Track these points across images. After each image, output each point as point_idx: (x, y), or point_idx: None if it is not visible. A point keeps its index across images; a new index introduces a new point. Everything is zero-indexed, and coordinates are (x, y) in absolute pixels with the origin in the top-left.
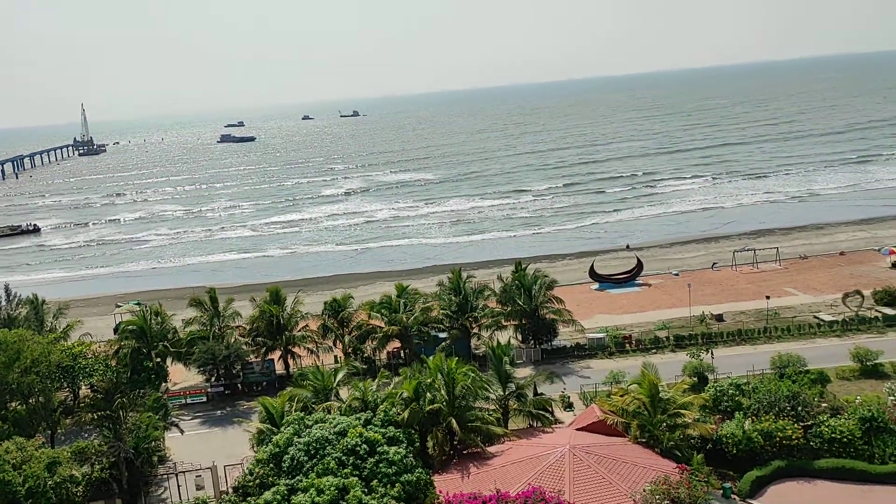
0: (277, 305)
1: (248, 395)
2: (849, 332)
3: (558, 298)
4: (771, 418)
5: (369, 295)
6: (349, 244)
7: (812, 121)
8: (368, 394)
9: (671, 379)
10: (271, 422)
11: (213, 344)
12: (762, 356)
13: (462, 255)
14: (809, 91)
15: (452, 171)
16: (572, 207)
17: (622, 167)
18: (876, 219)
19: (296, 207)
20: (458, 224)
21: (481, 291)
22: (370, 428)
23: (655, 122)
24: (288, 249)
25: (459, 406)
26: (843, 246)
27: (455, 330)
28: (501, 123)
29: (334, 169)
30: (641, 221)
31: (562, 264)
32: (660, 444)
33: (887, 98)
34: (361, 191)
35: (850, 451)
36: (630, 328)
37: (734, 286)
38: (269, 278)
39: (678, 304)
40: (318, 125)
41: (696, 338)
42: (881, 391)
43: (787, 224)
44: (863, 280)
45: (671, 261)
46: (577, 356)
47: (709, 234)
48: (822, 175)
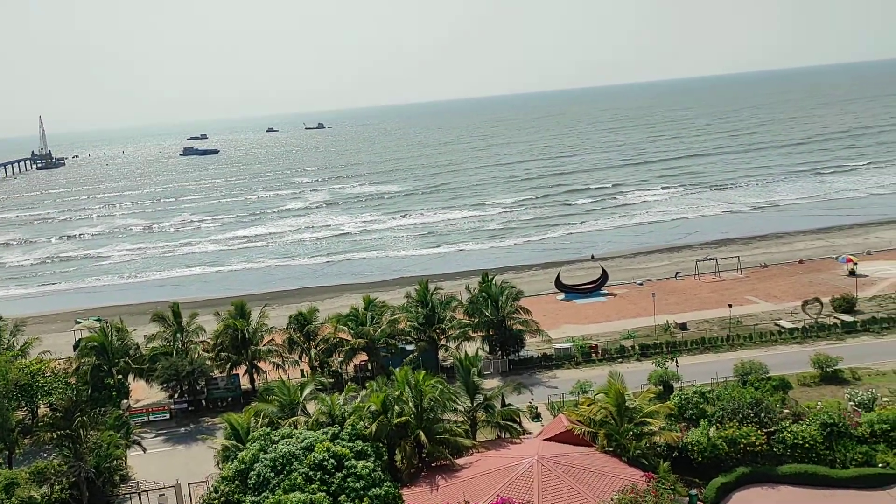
0: (242, 319)
1: (212, 411)
2: (809, 339)
3: (525, 309)
4: (735, 425)
5: (336, 308)
6: (315, 257)
7: (772, 132)
8: (335, 408)
9: (637, 388)
10: (236, 438)
11: (176, 360)
12: (725, 364)
13: (429, 267)
14: (770, 103)
15: (419, 184)
16: (538, 219)
17: (588, 179)
18: (833, 228)
19: (261, 221)
20: (425, 236)
21: (448, 303)
22: (337, 442)
23: (621, 133)
24: (253, 263)
25: (427, 418)
26: (802, 255)
27: (422, 342)
28: (468, 136)
29: (300, 182)
30: (606, 232)
31: (528, 275)
32: (627, 452)
33: (845, 110)
34: (327, 203)
35: (812, 457)
36: (596, 338)
37: (697, 295)
38: (234, 292)
39: (643, 313)
40: (282, 137)
41: (661, 346)
42: (841, 397)
43: (747, 233)
44: (821, 288)
45: (635, 271)
46: (544, 366)
47: (672, 244)
48: (781, 185)
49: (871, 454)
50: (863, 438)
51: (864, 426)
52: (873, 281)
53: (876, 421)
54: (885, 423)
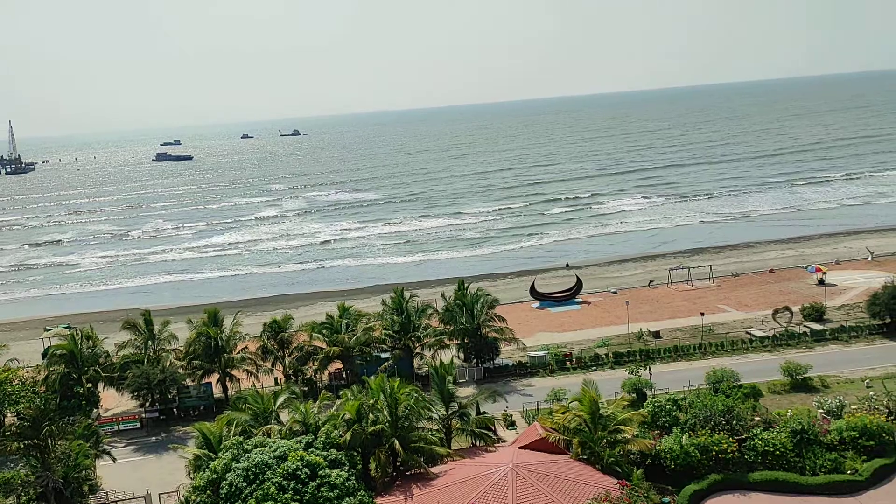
0: (215, 327)
1: (184, 420)
2: (779, 347)
3: (500, 317)
4: (707, 432)
5: (311, 315)
6: (290, 264)
7: (745, 143)
8: (310, 416)
9: (611, 395)
10: (208, 447)
11: (147, 368)
12: (698, 371)
13: (405, 275)
14: (744, 115)
15: (396, 192)
16: (514, 228)
17: (563, 188)
18: (803, 238)
19: (235, 228)
20: (400, 244)
21: (424, 311)
22: (311, 451)
23: (596, 143)
24: (227, 270)
25: (402, 427)
26: (773, 264)
27: (397, 350)
28: (445, 144)
29: (275, 189)
30: (581, 241)
31: (503, 283)
32: (601, 460)
33: (815, 122)
34: (303, 211)
35: (782, 464)
36: (570, 346)
37: (670, 303)
38: (207, 300)
39: (617, 321)
40: (257, 144)
41: (635, 354)
42: (810, 404)
43: (719, 243)
44: (791, 296)
45: (610, 279)
46: (519, 374)
47: (646, 252)
48: (753, 196)
49: (840, 461)
50: (832, 446)
51: (833, 433)
52: (842, 290)
53: (844, 428)
54: (853, 431)
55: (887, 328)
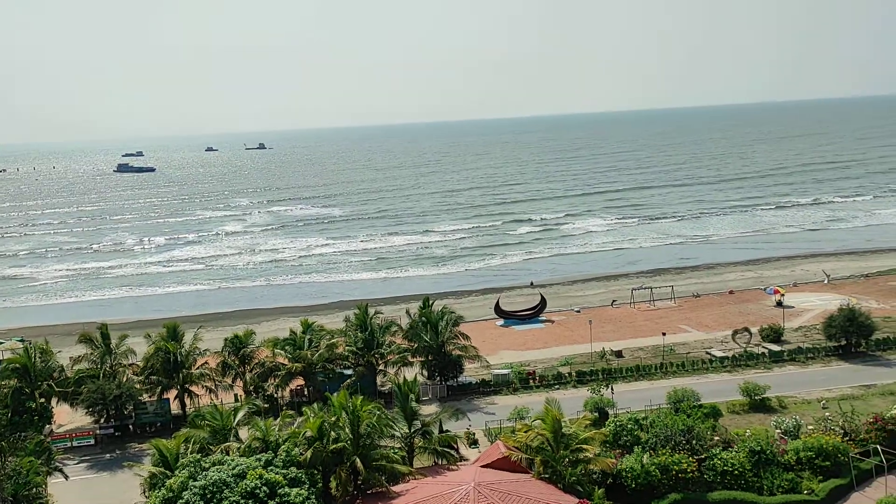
0: (175, 342)
1: (140, 436)
2: (738, 368)
3: (464, 335)
4: (667, 452)
5: (273, 331)
6: (253, 279)
7: (708, 167)
8: (270, 433)
9: (573, 414)
10: (165, 465)
11: (103, 383)
12: (659, 391)
13: (370, 291)
14: (707, 139)
15: (362, 208)
16: (481, 246)
17: (530, 207)
18: (762, 260)
19: (198, 242)
20: (366, 260)
21: (388, 327)
22: (271, 469)
23: (562, 164)
24: (189, 285)
25: (364, 445)
26: (733, 285)
27: (361, 367)
28: (413, 161)
29: (239, 203)
30: (546, 260)
31: (468, 301)
32: (563, 479)
33: (777, 147)
34: (268, 225)
35: (740, 483)
36: (534, 364)
37: (632, 323)
38: (167, 314)
39: (580, 340)
40: (222, 157)
41: (597, 373)
42: (768, 425)
43: (681, 264)
44: (750, 318)
45: (573, 298)
46: (482, 392)
47: (609, 272)
48: (715, 219)
49: (797, 481)
50: (789, 465)
51: (790, 454)
52: (799, 312)
53: (801, 448)
54: (809, 451)
55: (843, 350)
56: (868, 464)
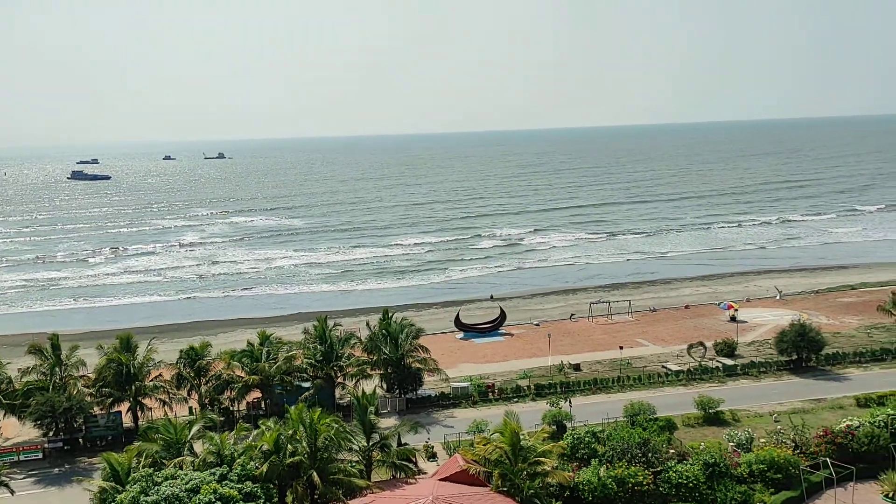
0: (128, 353)
1: (90, 450)
2: (693, 382)
3: (424, 347)
4: (624, 465)
5: (230, 343)
6: (210, 290)
7: (666, 185)
8: (225, 447)
9: (532, 427)
10: (116, 479)
11: (52, 395)
12: (616, 404)
13: (329, 303)
14: (668, 157)
15: (323, 220)
16: (441, 260)
17: (493, 221)
18: (717, 276)
19: (154, 252)
20: (326, 272)
21: (347, 340)
22: (225, 484)
23: (523, 179)
24: (144, 296)
25: (321, 458)
26: (688, 300)
27: (319, 379)
28: (377, 173)
29: (198, 213)
30: (506, 273)
31: (428, 313)
32: (520, 492)
33: (738, 165)
34: (226, 236)
35: (695, 496)
36: (493, 377)
37: (590, 337)
38: (121, 325)
39: (539, 353)
40: (180, 166)
41: (556, 386)
42: (722, 438)
43: (638, 279)
44: (705, 332)
45: (532, 311)
46: (441, 405)
47: (568, 286)
48: (673, 235)
49: (749, 494)
50: (742, 478)
51: (742, 466)
52: (752, 327)
53: (754, 461)
54: (761, 464)
55: (794, 365)
56: (818, 476)
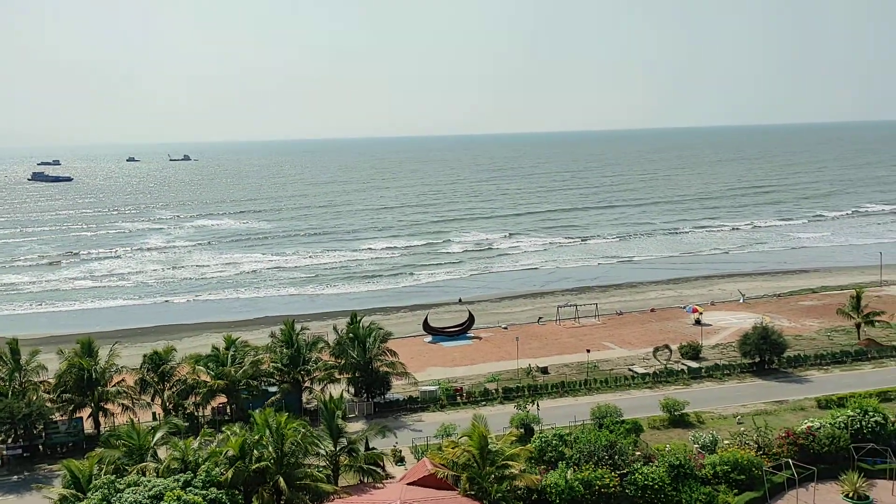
0: (89, 358)
1: (51, 457)
2: (659, 384)
3: (392, 351)
4: (591, 467)
5: (196, 347)
6: (175, 294)
7: (633, 189)
8: (189, 453)
9: (500, 430)
10: (76, 487)
11: (11, 401)
12: (583, 407)
13: (297, 307)
14: (635, 162)
15: (290, 223)
16: (411, 265)
17: (461, 226)
18: (682, 279)
19: (118, 255)
20: (294, 276)
21: (315, 344)
22: (190, 490)
23: (493, 183)
24: (107, 300)
25: (288, 463)
26: (654, 303)
27: (286, 384)
28: (346, 176)
29: (163, 216)
30: (475, 277)
31: (396, 317)
32: (488, 496)
33: (706, 171)
34: (192, 239)
35: (660, 498)
36: (461, 380)
37: (558, 340)
38: (83, 329)
39: (507, 356)
40: (144, 168)
41: (524, 390)
42: (687, 439)
43: (605, 282)
44: (670, 335)
45: (501, 315)
46: (409, 409)
47: (536, 290)
48: (640, 239)
49: (714, 495)
50: (706, 479)
51: (707, 468)
52: (716, 330)
53: (718, 462)
54: (725, 465)
55: (756, 367)
56: (780, 477)
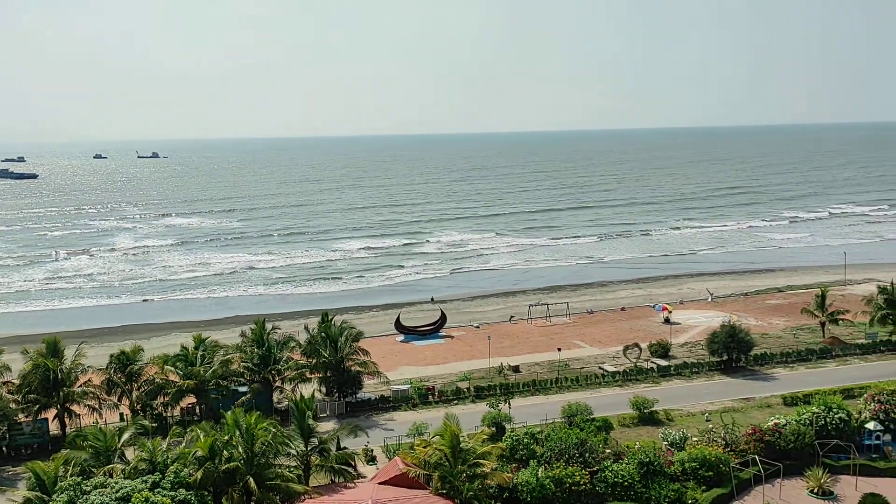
0: (55, 358)
1: (15, 459)
2: (629, 382)
3: (364, 350)
4: (561, 465)
5: (164, 347)
6: (144, 293)
7: (606, 191)
8: (157, 454)
9: (472, 429)
10: (41, 489)
11: None
12: (554, 405)
13: (268, 306)
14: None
15: (261, 222)
16: (382, 263)
17: (434, 226)
18: (651, 278)
19: (84, 254)
20: (265, 275)
21: (286, 343)
22: (158, 491)
23: (466, 183)
24: (73, 299)
25: (258, 464)
26: (624, 302)
27: (256, 383)
28: (318, 175)
29: (131, 214)
30: (447, 276)
31: (369, 316)
32: (460, 494)
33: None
34: (160, 238)
35: (630, 495)
36: (433, 379)
37: (529, 338)
38: (48, 329)
39: (479, 355)
40: (112, 165)
41: (495, 388)
42: (656, 437)
43: (576, 281)
44: (640, 334)
45: (473, 314)
46: (381, 408)
47: (507, 289)
48: (613, 240)
49: (682, 491)
50: (675, 476)
51: (676, 465)
52: (685, 328)
53: (686, 459)
54: (694, 462)
55: (724, 365)
56: (747, 473)
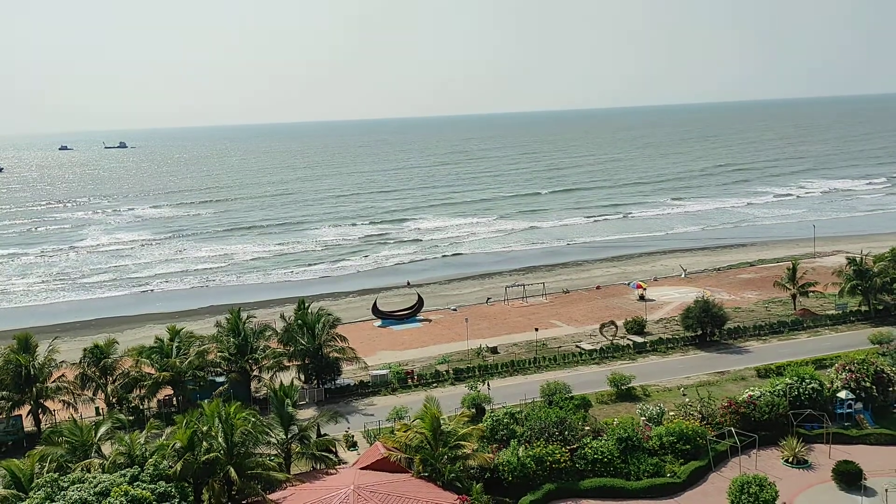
0: (27, 354)
1: None
2: (606, 360)
3: (342, 336)
4: (542, 444)
5: (138, 339)
6: (116, 286)
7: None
8: (136, 447)
9: (452, 412)
10: (17, 487)
11: None
12: (533, 385)
13: (243, 295)
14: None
15: (233, 211)
16: (359, 248)
17: (412, 212)
18: (625, 256)
19: (54, 248)
20: (238, 263)
21: (262, 332)
22: (137, 485)
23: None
24: (43, 294)
25: (238, 453)
26: (599, 281)
27: (234, 373)
28: (295, 162)
29: (99, 205)
30: (422, 261)
31: (345, 302)
32: (442, 476)
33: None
34: (131, 230)
35: (610, 470)
36: (412, 363)
37: (507, 320)
38: (18, 324)
39: (457, 338)
40: (79, 157)
41: (474, 370)
42: (634, 412)
43: (551, 261)
44: (616, 311)
45: (449, 297)
46: (360, 394)
47: (484, 270)
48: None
49: (661, 465)
50: (653, 451)
51: (654, 439)
52: (660, 305)
53: (664, 434)
54: (671, 436)
55: (699, 340)
56: (724, 445)
